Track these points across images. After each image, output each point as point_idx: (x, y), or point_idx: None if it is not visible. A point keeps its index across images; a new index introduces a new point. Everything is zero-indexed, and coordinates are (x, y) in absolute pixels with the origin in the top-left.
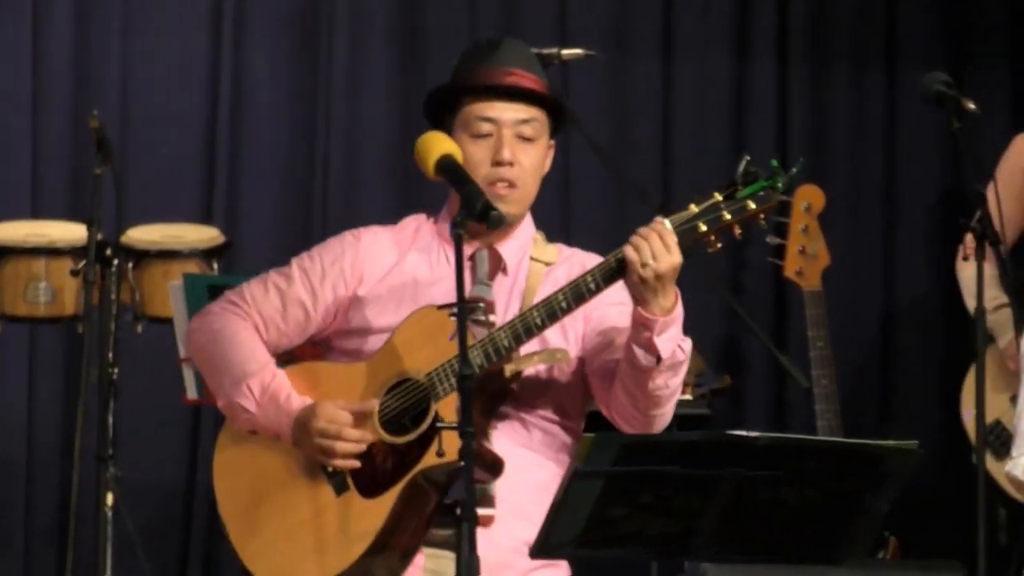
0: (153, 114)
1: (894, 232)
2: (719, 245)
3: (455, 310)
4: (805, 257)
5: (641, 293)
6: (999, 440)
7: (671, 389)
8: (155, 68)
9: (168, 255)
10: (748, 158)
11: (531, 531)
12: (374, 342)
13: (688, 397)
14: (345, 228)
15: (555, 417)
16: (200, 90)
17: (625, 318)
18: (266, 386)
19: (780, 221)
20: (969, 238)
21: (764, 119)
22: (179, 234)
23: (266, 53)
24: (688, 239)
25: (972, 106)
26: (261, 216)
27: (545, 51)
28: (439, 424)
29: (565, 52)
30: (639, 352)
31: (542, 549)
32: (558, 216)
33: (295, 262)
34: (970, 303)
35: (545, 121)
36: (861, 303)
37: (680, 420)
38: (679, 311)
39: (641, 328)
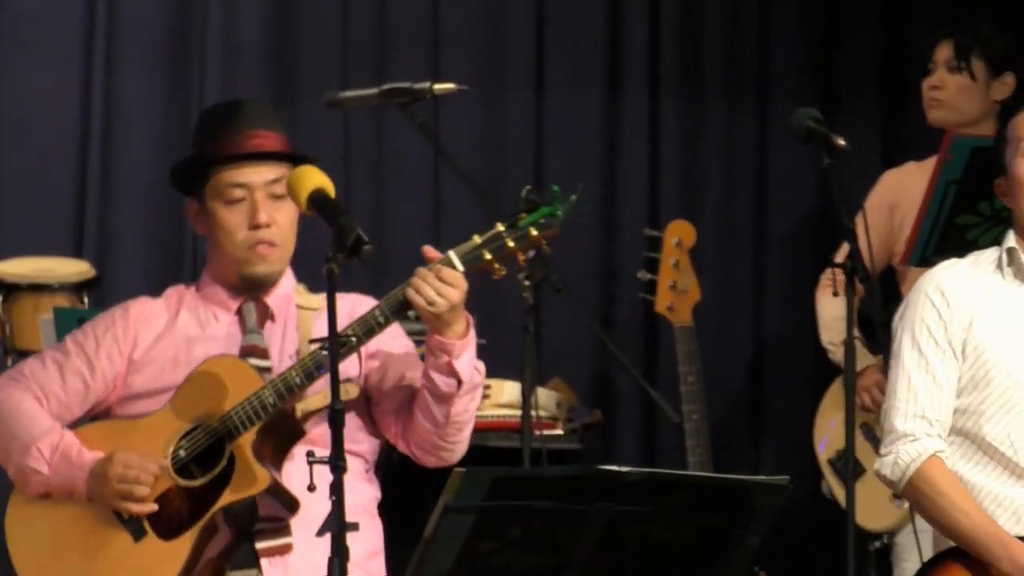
0: (24, 145)
1: (764, 267)
2: (504, 272)
3: (326, 344)
4: (676, 292)
5: (434, 324)
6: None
7: (470, 413)
8: (26, 99)
9: (38, 289)
10: (529, 187)
11: (326, 556)
12: (156, 403)
13: (559, 432)
14: None
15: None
16: (71, 121)
17: (411, 354)
18: (55, 445)
19: (651, 256)
20: (831, 272)
21: (635, 153)
22: (50, 268)
23: (138, 83)
24: (474, 267)
25: (842, 142)
26: (132, 249)
27: (417, 86)
28: (310, 459)
29: (437, 87)
30: (439, 379)
31: None
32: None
33: (68, 338)
34: (823, 334)
35: None
36: (732, 338)
37: (551, 455)
38: (472, 334)
39: (439, 354)
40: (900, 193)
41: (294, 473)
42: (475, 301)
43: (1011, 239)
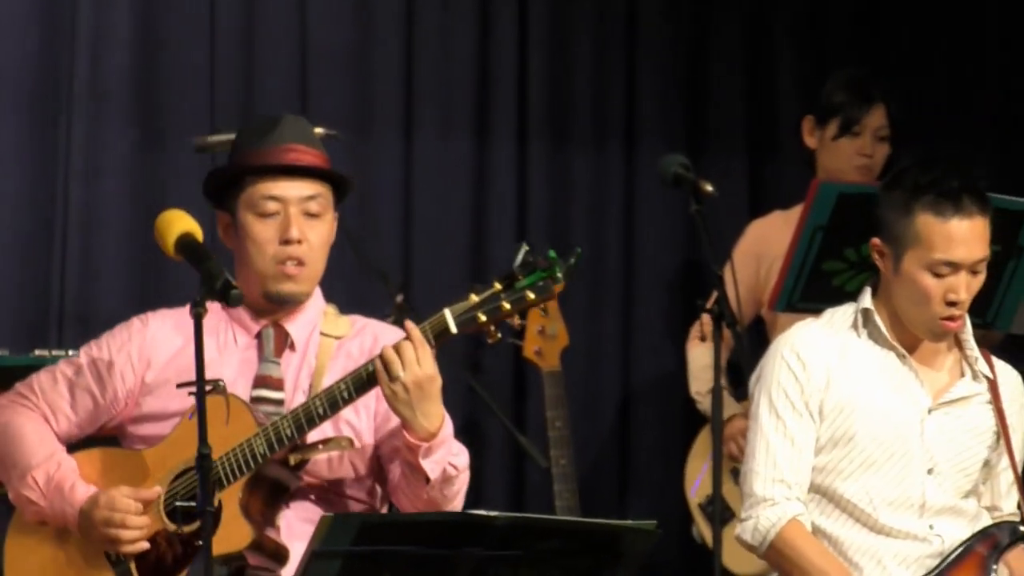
0: None
1: (632, 312)
2: (499, 336)
3: (193, 388)
4: (544, 337)
5: (397, 409)
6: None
7: (449, 496)
8: None
9: None
10: (527, 248)
11: None
12: (167, 427)
13: None
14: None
15: (353, 494)
16: None
17: None
18: (51, 476)
19: None
20: (704, 319)
21: (503, 198)
22: None
23: (2, 136)
24: (468, 328)
25: (709, 188)
26: None
27: None
28: (179, 503)
29: None
30: (407, 470)
31: None
32: None
33: (83, 351)
34: (693, 387)
35: (329, 195)
36: (600, 383)
37: None
38: (445, 433)
39: (407, 449)
40: (765, 243)
41: (293, 519)
42: None
43: (867, 299)
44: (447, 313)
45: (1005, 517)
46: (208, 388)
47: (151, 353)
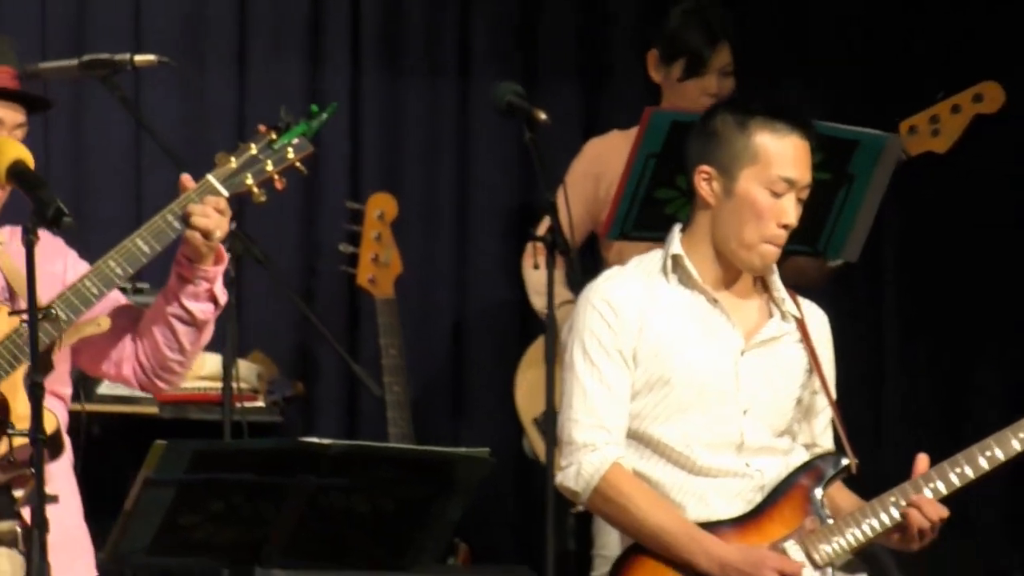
0: None
1: (466, 239)
2: (264, 199)
3: (26, 316)
4: (378, 265)
5: (202, 254)
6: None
7: (203, 341)
8: None
9: None
10: (284, 107)
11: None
12: None
13: (260, 404)
14: None
15: (57, 389)
16: None
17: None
18: None
19: (353, 229)
20: (535, 246)
21: (336, 126)
22: None
23: None
24: (238, 190)
25: (543, 116)
26: None
27: (117, 57)
28: (10, 432)
29: (138, 58)
30: (197, 306)
31: (112, 557)
32: (128, 221)
33: None
34: (536, 301)
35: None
36: (434, 311)
37: (252, 428)
38: (225, 255)
39: (200, 282)
40: (604, 162)
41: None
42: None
43: (676, 243)
44: (210, 178)
45: (827, 451)
46: None
47: None
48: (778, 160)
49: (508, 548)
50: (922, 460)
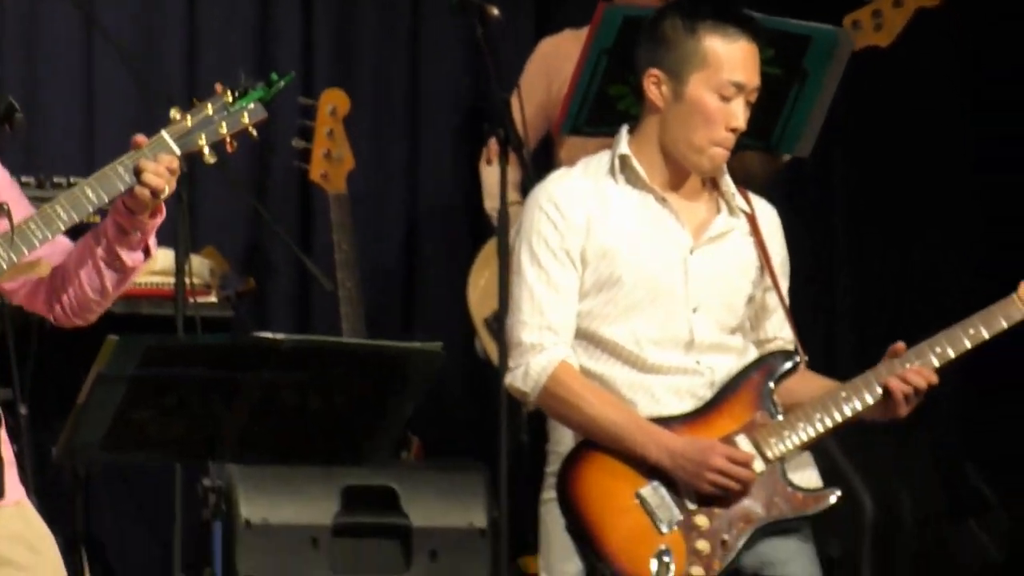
0: None
1: (419, 136)
2: (214, 160)
3: None
4: (330, 161)
5: (144, 207)
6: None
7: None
8: None
9: None
10: (243, 71)
11: None
12: None
13: (212, 300)
14: None
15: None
16: None
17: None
18: None
19: (305, 124)
20: (492, 143)
21: (289, 22)
22: None
23: None
24: (190, 148)
25: (495, 12)
26: None
27: None
28: None
29: None
30: (128, 255)
31: (65, 452)
32: (82, 128)
33: None
34: (489, 203)
35: None
36: (386, 207)
37: (204, 323)
38: (163, 209)
39: (135, 232)
40: (556, 60)
41: None
42: None
43: (624, 143)
44: (164, 135)
45: (779, 347)
46: None
47: None
48: (728, 64)
49: (461, 443)
50: (899, 346)
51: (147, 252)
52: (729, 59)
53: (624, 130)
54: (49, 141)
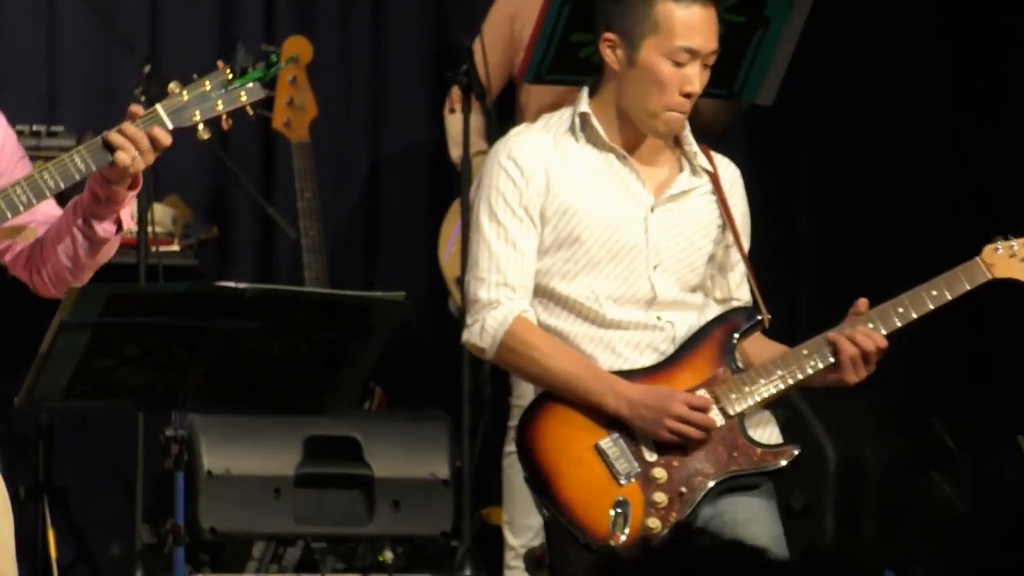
0: None
1: (382, 84)
2: (208, 135)
3: None
4: (293, 109)
5: (121, 178)
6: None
7: (103, 259)
8: None
9: None
10: (243, 48)
11: None
12: None
13: (175, 248)
14: None
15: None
16: None
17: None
18: None
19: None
20: (455, 90)
21: None
22: None
23: None
24: (184, 123)
25: None
26: None
27: None
28: None
29: None
30: (100, 226)
31: (28, 400)
32: (43, 64)
33: None
34: (454, 151)
35: None
36: (349, 155)
37: (167, 271)
38: (141, 183)
39: (108, 203)
40: (521, 4)
41: None
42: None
43: (584, 102)
44: (159, 108)
45: (742, 304)
46: None
47: None
48: (680, 30)
49: (424, 394)
50: (861, 302)
51: (119, 225)
52: (682, 24)
53: (585, 89)
54: (9, 64)
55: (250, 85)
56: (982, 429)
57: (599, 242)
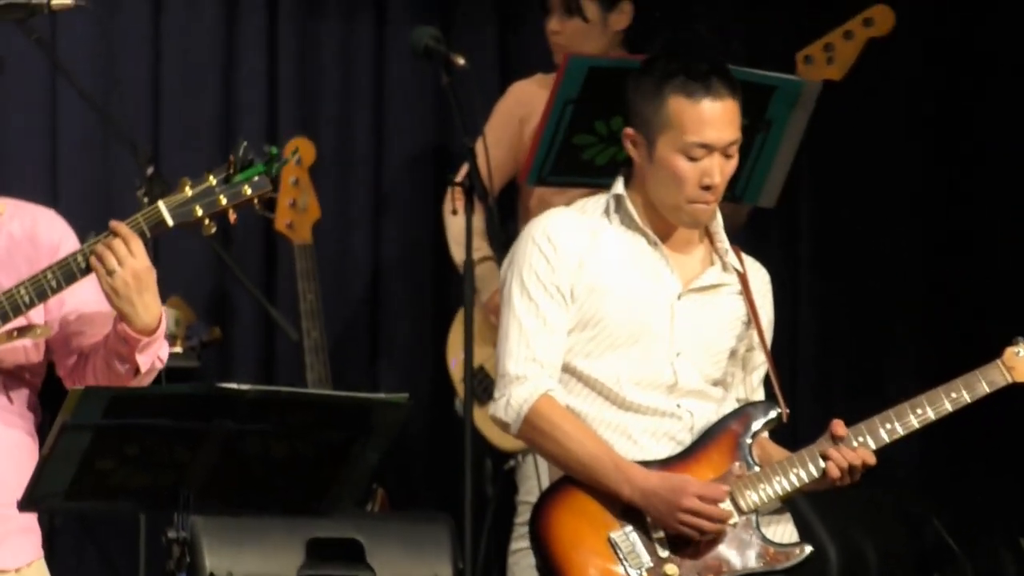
0: None
1: (383, 184)
2: (213, 230)
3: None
4: (296, 210)
5: (118, 305)
6: (482, 386)
7: (147, 383)
8: None
9: None
10: (245, 143)
11: (8, 492)
12: None
13: (178, 350)
14: None
15: (30, 380)
16: None
17: (103, 302)
18: None
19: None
20: (454, 191)
21: (254, 72)
22: None
23: None
24: (184, 221)
25: (461, 61)
26: None
27: (33, 0)
28: None
29: (54, 2)
30: (116, 362)
31: (29, 501)
32: (45, 165)
33: None
34: (456, 253)
35: None
36: (351, 256)
37: (169, 373)
38: (163, 329)
39: (122, 341)
40: (528, 105)
41: None
42: (92, 220)
43: (620, 185)
44: (161, 205)
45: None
46: None
47: None
48: (691, 126)
49: (425, 495)
50: (837, 424)
51: (136, 370)
52: (692, 121)
53: (620, 176)
54: (11, 182)
55: (255, 178)
56: (983, 528)
57: (622, 323)
